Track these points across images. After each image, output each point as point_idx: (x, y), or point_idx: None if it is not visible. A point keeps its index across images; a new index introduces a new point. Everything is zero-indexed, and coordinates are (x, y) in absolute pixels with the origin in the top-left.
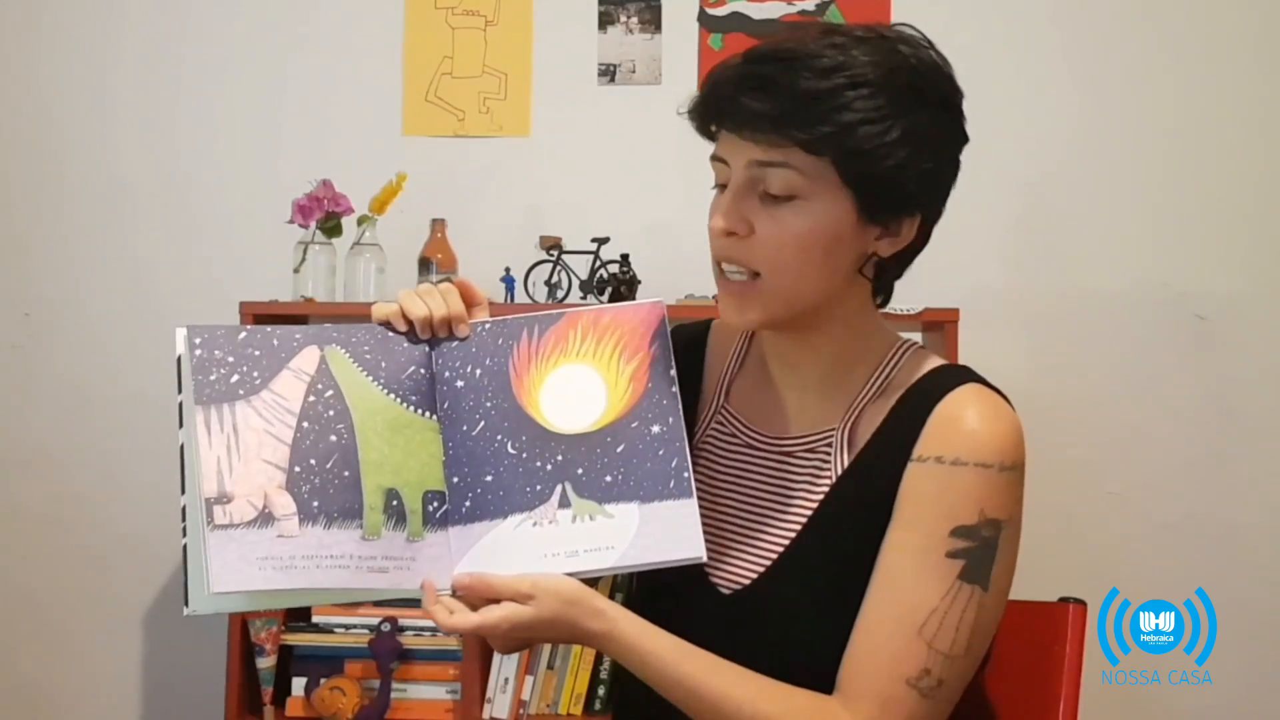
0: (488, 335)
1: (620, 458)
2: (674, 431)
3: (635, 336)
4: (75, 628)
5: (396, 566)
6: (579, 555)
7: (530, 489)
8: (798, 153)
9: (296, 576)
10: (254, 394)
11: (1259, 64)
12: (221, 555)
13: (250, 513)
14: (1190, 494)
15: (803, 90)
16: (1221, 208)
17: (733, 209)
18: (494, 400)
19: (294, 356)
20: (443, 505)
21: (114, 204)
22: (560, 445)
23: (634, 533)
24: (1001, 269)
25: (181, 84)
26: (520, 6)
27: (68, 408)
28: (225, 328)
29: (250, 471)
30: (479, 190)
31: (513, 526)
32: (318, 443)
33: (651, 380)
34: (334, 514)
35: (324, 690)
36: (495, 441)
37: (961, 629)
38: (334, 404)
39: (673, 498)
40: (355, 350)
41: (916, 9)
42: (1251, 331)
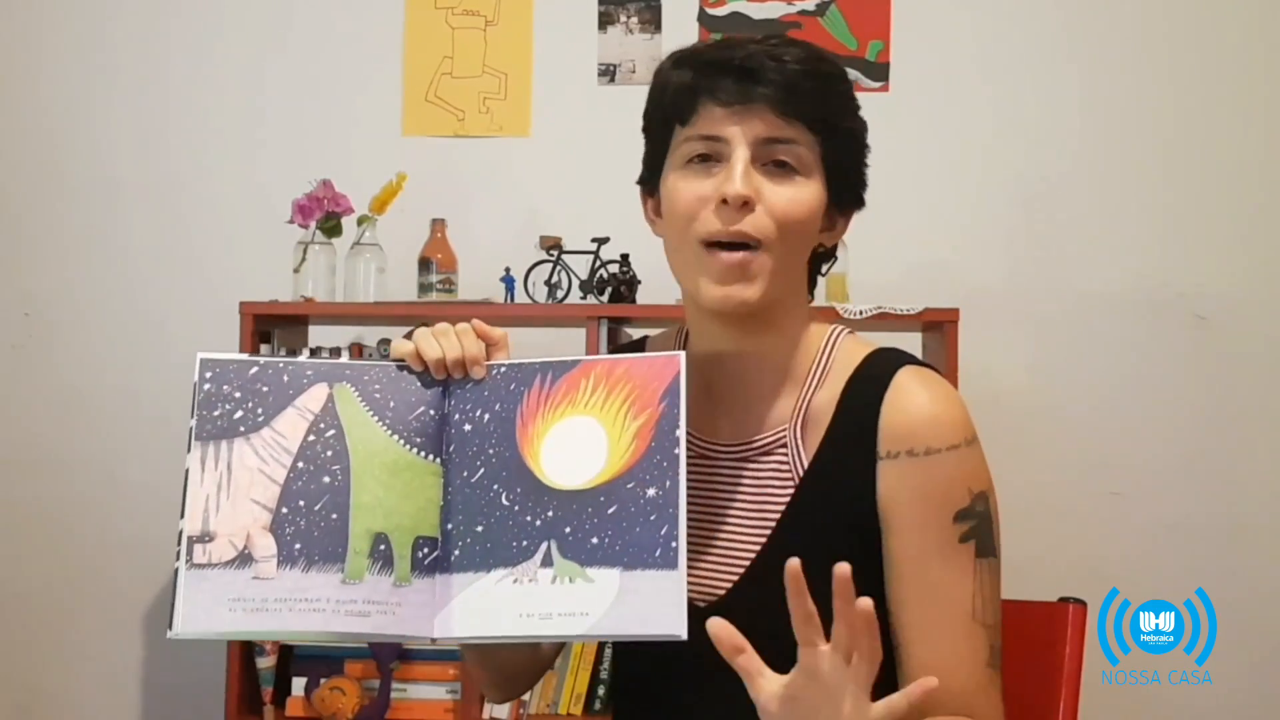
0: (501, 379)
1: (610, 519)
2: (670, 497)
3: (646, 391)
4: (75, 627)
5: (380, 611)
6: (552, 619)
7: (517, 544)
8: (803, 130)
9: (266, 619)
10: (254, 431)
11: (1259, 65)
12: (193, 595)
13: (230, 553)
14: (1190, 494)
15: (810, 69)
16: (1221, 208)
17: (748, 174)
18: (496, 448)
19: (301, 394)
20: (433, 551)
21: (114, 204)
22: (553, 501)
23: (610, 601)
24: (1001, 269)
25: (180, 84)
26: (520, 6)
27: (67, 408)
28: (239, 360)
29: (237, 511)
30: (479, 190)
31: (494, 581)
32: (310, 484)
33: (655, 439)
34: (315, 556)
35: (324, 690)
36: (491, 491)
37: (995, 598)
38: (334, 444)
39: (657, 568)
40: (365, 389)
41: (917, 9)
42: (1251, 331)
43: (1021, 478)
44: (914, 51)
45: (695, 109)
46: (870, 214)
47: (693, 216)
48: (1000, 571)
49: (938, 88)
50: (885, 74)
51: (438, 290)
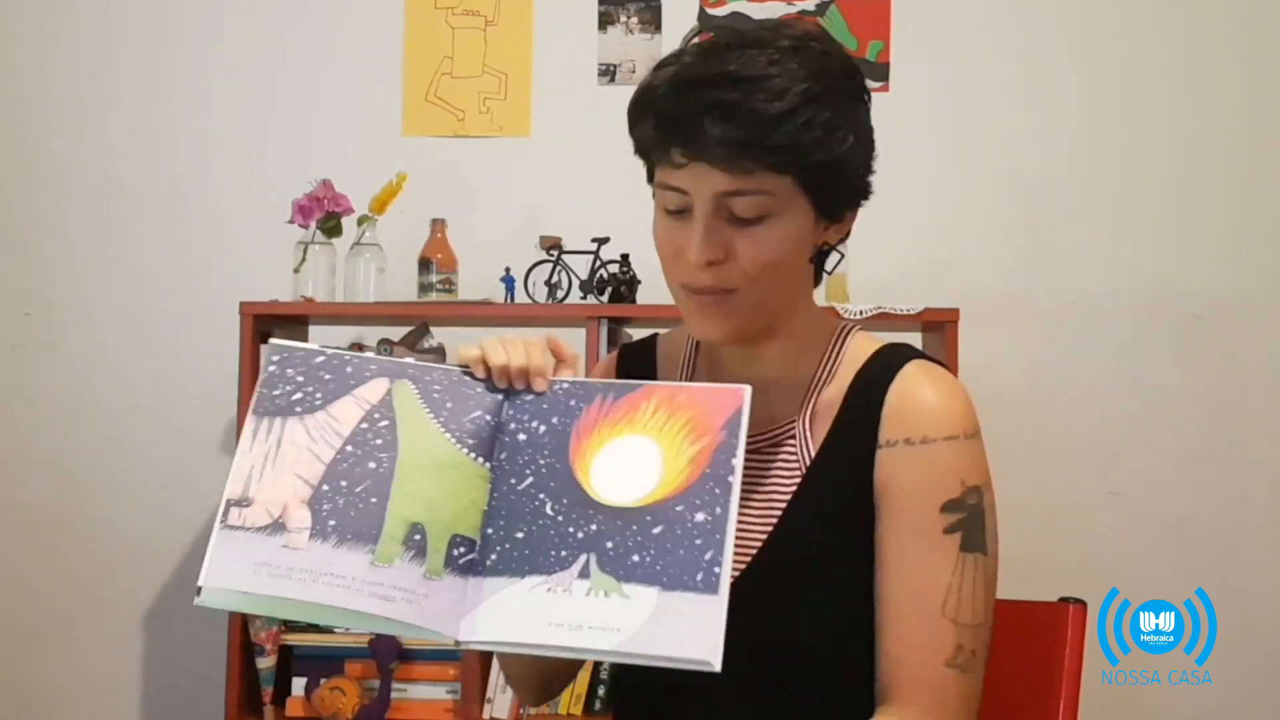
0: (563, 394)
1: (654, 539)
2: (719, 523)
3: (708, 418)
4: (76, 627)
5: (405, 598)
6: (581, 630)
7: (556, 553)
8: (768, 175)
9: (289, 586)
10: (309, 413)
11: (1259, 65)
12: (221, 555)
13: (264, 519)
14: (1190, 494)
15: (766, 114)
16: (1220, 208)
17: (708, 240)
18: (548, 459)
19: (362, 385)
20: (469, 552)
21: (114, 204)
22: (598, 515)
23: (645, 620)
24: (1001, 269)
25: (181, 84)
26: (520, 6)
27: (68, 408)
28: (306, 349)
29: (279, 482)
30: (479, 190)
31: (528, 588)
32: (355, 467)
33: (711, 466)
34: (347, 534)
35: (324, 690)
36: (536, 500)
37: (977, 597)
38: (385, 433)
39: (696, 591)
40: (425, 387)
41: (917, 9)
42: (1251, 331)
43: (1021, 478)
44: (914, 51)
45: (658, 162)
46: (870, 214)
47: (673, 260)
48: (993, 571)
49: (938, 88)
50: (885, 74)
51: (438, 290)
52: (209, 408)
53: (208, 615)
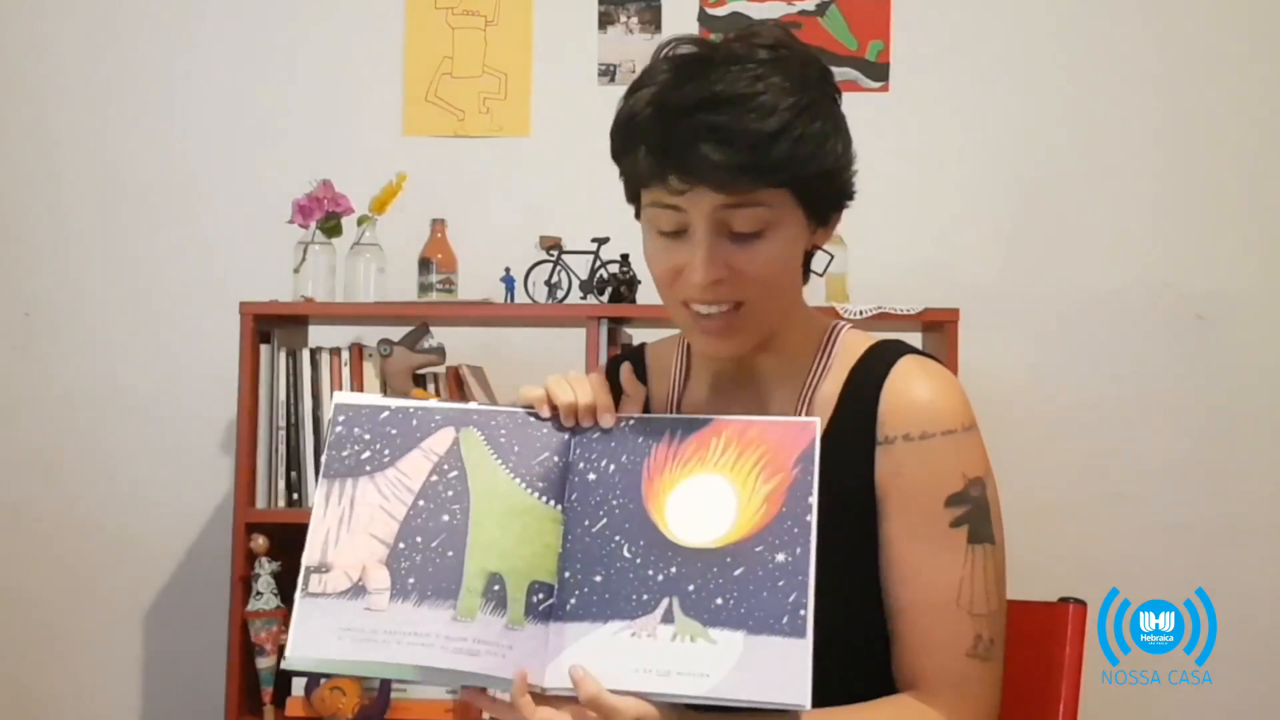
0: (629, 431)
1: (736, 581)
2: (800, 564)
3: (780, 454)
4: (75, 628)
5: (490, 651)
6: (671, 676)
7: (637, 597)
8: (765, 190)
9: (375, 650)
10: (379, 470)
11: (1259, 64)
12: (305, 623)
13: (344, 584)
14: (1190, 494)
15: (761, 133)
16: (1221, 207)
17: (712, 259)
18: (620, 499)
19: (428, 436)
20: (548, 598)
21: (114, 204)
22: (677, 557)
23: (733, 665)
24: (1001, 269)
25: (181, 84)
26: (520, 6)
27: (68, 408)
28: (371, 405)
29: (355, 544)
30: (479, 190)
31: (611, 633)
32: (429, 521)
33: (787, 504)
34: (428, 591)
35: (324, 690)
36: (613, 542)
37: (989, 586)
38: (455, 484)
39: (784, 635)
40: (491, 433)
41: (917, 9)
42: (1251, 331)
43: (1021, 478)
44: (914, 51)
45: (649, 185)
46: (870, 214)
47: (671, 280)
48: (1001, 559)
49: (938, 88)
50: (885, 74)
51: (438, 290)
52: (209, 408)
53: (207, 615)
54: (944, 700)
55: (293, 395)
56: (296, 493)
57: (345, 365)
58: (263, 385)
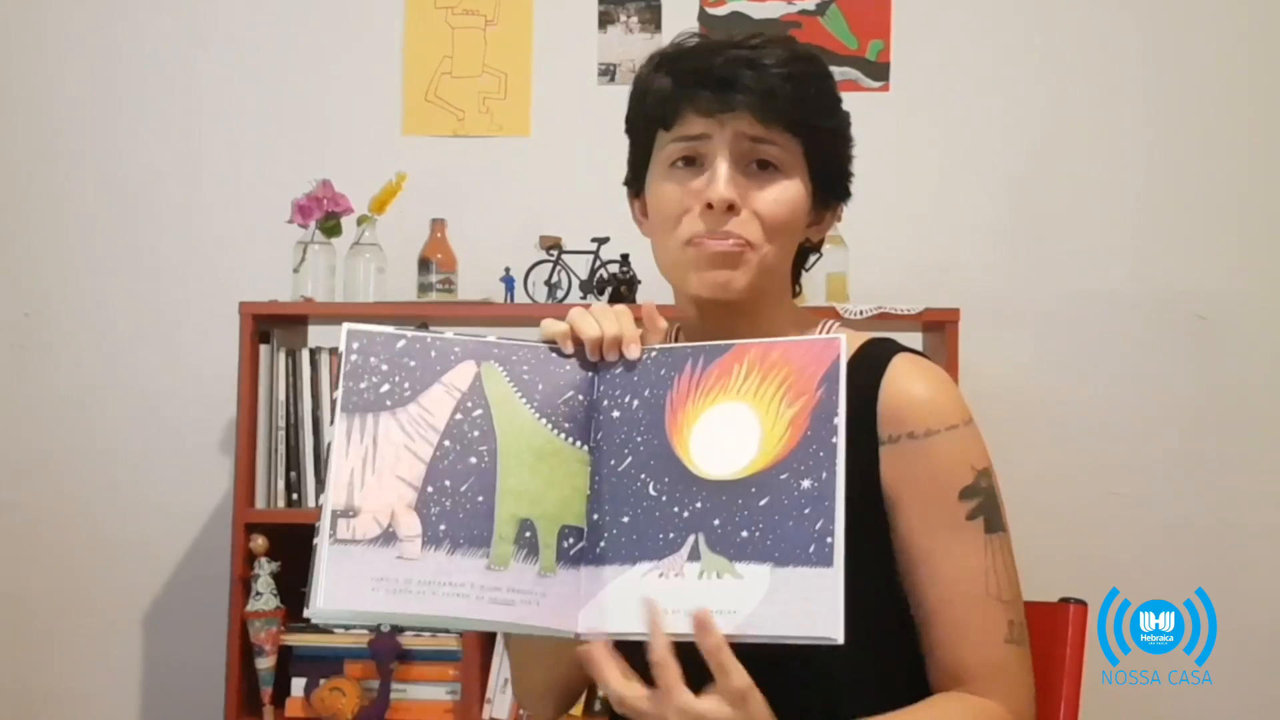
0: (652, 364)
1: (761, 512)
2: (826, 489)
3: (803, 376)
4: (75, 628)
5: (524, 600)
6: None
7: (664, 536)
8: (782, 131)
9: (410, 601)
10: (401, 406)
11: (1259, 64)
12: (336, 571)
13: (374, 530)
14: (1190, 494)
15: (785, 73)
16: (1222, 207)
17: (732, 179)
18: (645, 436)
19: (449, 370)
20: (579, 542)
21: (114, 204)
22: (701, 491)
23: (760, 599)
24: (1001, 269)
25: (181, 84)
26: (520, 6)
27: (67, 408)
28: (385, 334)
29: (382, 487)
30: (479, 190)
31: (640, 575)
32: (456, 463)
33: (811, 428)
34: (460, 540)
35: (323, 691)
36: (639, 480)
37: (1010, 572)
38: (481, 424)
39: (810, 564)
40: (513, 369)
41: (917, 9)
42: (1251, 331)
43: (1021, 478)
44: (914, 51)
45: (676, 116)
46: (870, 214)
47: (679, 220)
48: (1011, 547)
49: (938, 88)
50: (885, 74)
51: (437, 290)
52: (209, 408)
53: (207, 615)
54: (993, 689)
55: (292, 395)
56: (296, 493)
57: None
58: (262, 385)
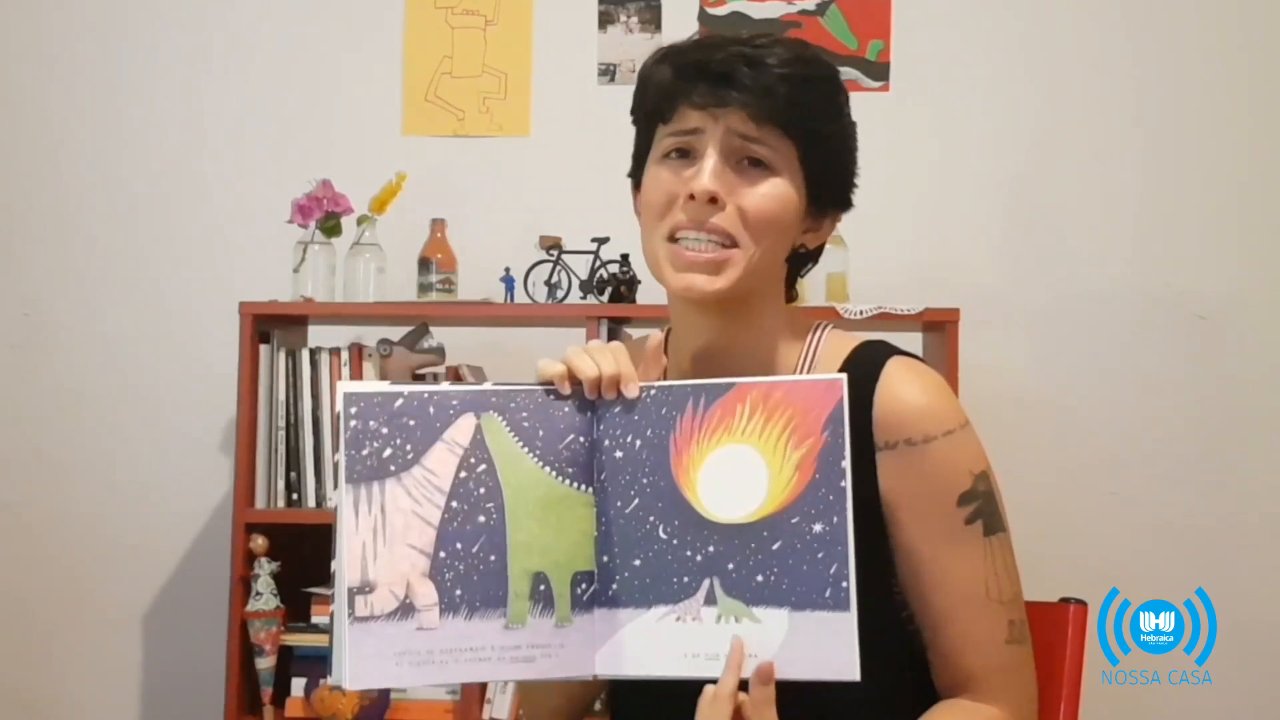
0: (652, 403)
1: (775, 556)
2: (838, 533)
3: (808, 418)
4: (75, 628)
5: (544, 654)
6: (720, 660)
7: (678, 580)
8: (775, 132)
9: (433, 672)
10: (405, 470)
11: (1260, 64)
12: (359, 650)
13: (392, 603)
14: (1190, 494)
15: (782, 74)
16: (1221, 207)
17: (716, 172)
18: (651, 477)
19: (449, 426)
20: (590, 586)
21: (113, 204)
22: (713, 535)
23: (780, 643)
24: (1001, 269)
25: (181, 84)
26: (520, 6)
27: (67, 408)
28: (382, 394)
29: (394, 558)
30: (479, 190)
31: (656, 618)
32: (465, 524)
33: (819, 471)
34: (476, 603)
35: (323, 691)
36: (647, 523)
37: (1010, 573)
38: (485, 480)
39: (827, 609)
40: (513, 418)
41: (917, 9)
42: (1251, 331)
43: (1021, 478)
44: (914, 51)
45: (673, 109)
46: (870, 214)
47: (664, 210)
48: (1011, 546)
49: (938, 88)
50: (885, 74)
51: (437, 290)
52: (209, 408)
53: (207, 615)
54: (995, 693)
55: (292, 395)
56: (296, 493)
57: (345, 365)
58: (262, 385)
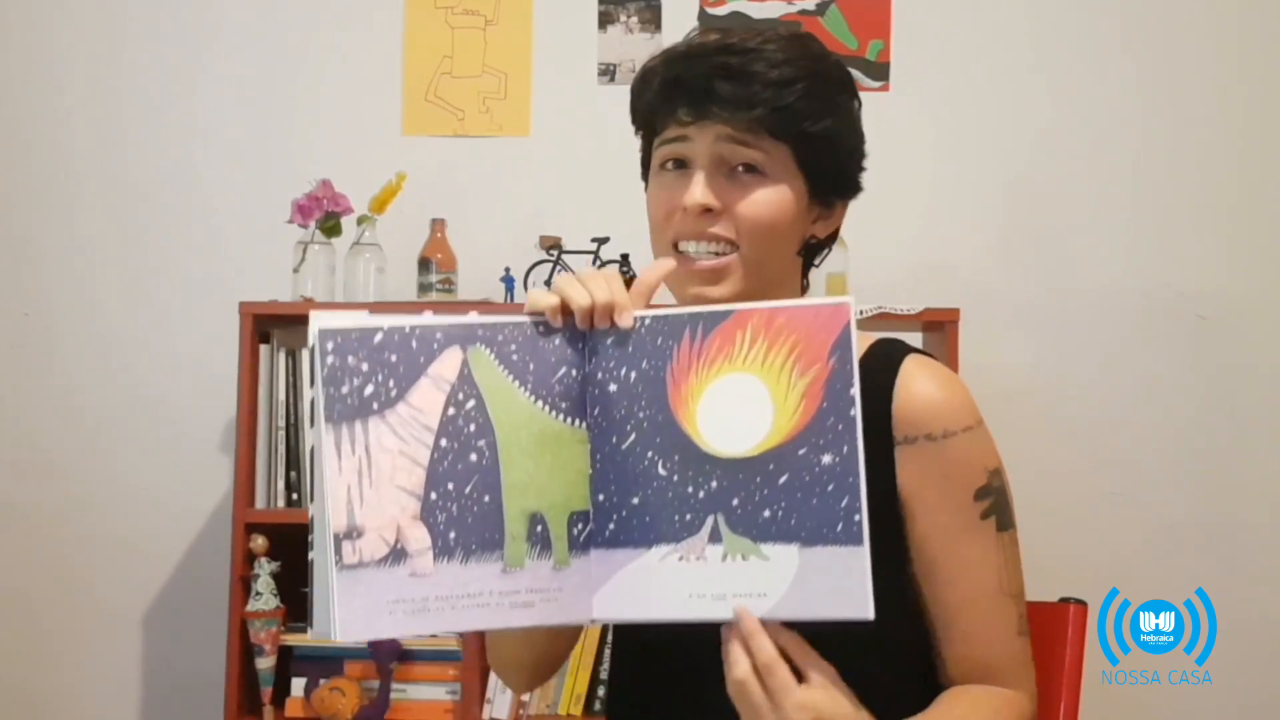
0: (647, 333)
1: (782, 490)
2: (848, 464)
3: (813, 344)
4: (74, 629)
5: (543, 599)
6: (727, 600)
7: (679, 518)
8: (764, 137)
9: (429, 620)
10: (389, 408)
11: (1260, 63)
12: (349, 600)
13: (382, 549)
14: (1190, 494)
15: (768, 79)
16: (1222, 207)
17: (707, 184)
18: (648, 411)
19: (433, 360)
20: (586, 526)
21: (113, 204)
22: (716, 470)
23: (791, 580)
24: (1001, 269)
25: (181, 84)
26: (520, 6)
27: (67, 408)
28: (360, 330)
29: (382, 500)
30: (479, 190)
31: (658, 558)
32: (456, 463)
33: (827, 399)
34: (472, 546)
35: (323, 691)
36: (646, 459)
37: (1018, 567)
38: (475, 417)
39: (839, 543)
40: (502, 350)
41: (917, 9)
42: (1252, 331)
43: (1021, 477)
44: (914, 51)
45: (663, 123)
46: (870, 214)
47: (664, 222)
48: (1019, 540)
49: (938, 88)
50: (885, 74)
51: (437, 290)
52: (208, 408)
53: (207, 615)
54: (1009, 681)
55: (292, 395)
56: (296, 493)
57: None
58: (262, 385)
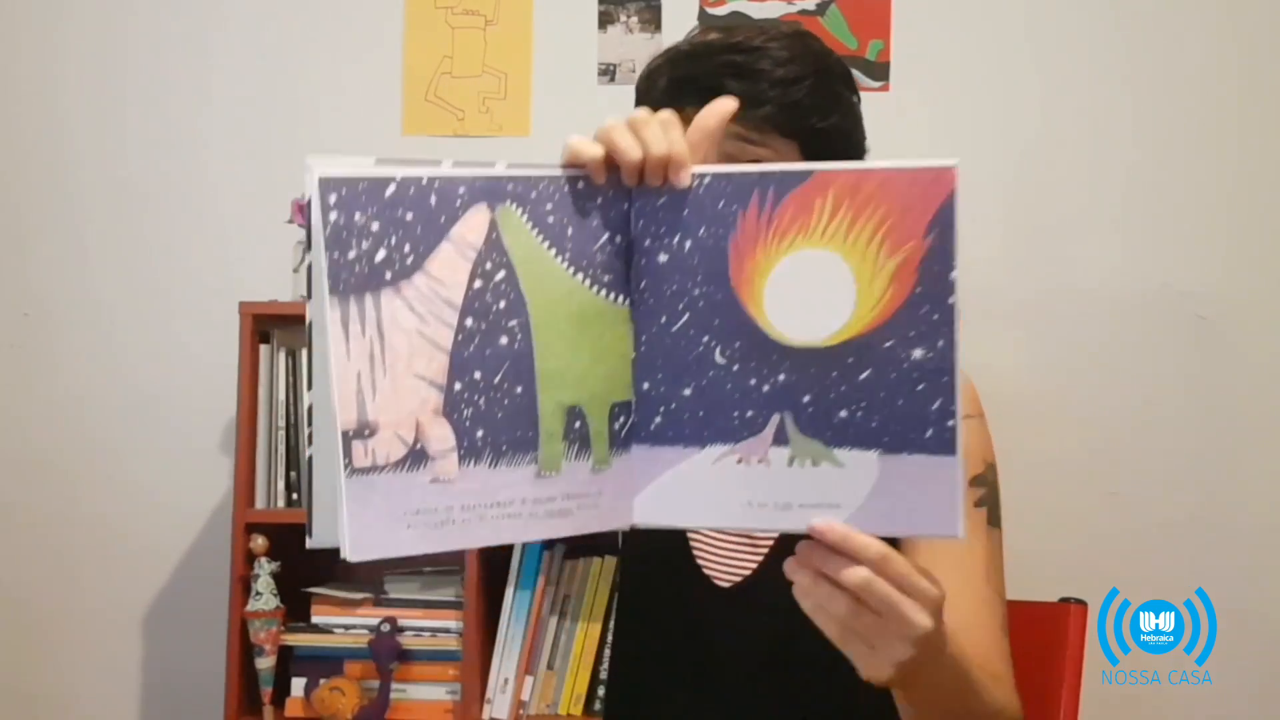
0: (706, 194)
1: (863, 388)
2: (943, 360)
3: (907, 217)
4: (73, 627)
5: (581, 506)
6: (793, 510)
7: (739, 414)
8: (772, 134)
9: (454, 535)
10: (404, 278)
11: (1260, 63)
12: (360, 510)
13: (399, 450)
14: (1190, 494)
15: (774, 76)
16: (1222, 208)
17: None
18: (704, 288)
19: (456, 221)
20: (628, 419)
21: (113, 203)
22: (785, 361)
23: (869, 491)
24: (1000, 268)
25: (180, 83)
26: (520, 6)
27: (66, 408)
28: (369, 180)
29: (399, 392)
30: None
31: (711, 459)
32: (484, 348)
33: (921, 284)
34: (502, 446)
35: (323, 691)
36: (700, 343)
37: (1001, 570)
38: (506, 291)
39: (927, 451)
40: (535, 210)
41: (917, 9)
42: (1252, 331)
43: (1021, 478)
44: (914, 51)
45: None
46: None
47: None
48: (1002, 546)
49: (938, 88)
50: (885, 74)
51: None
52: (208, 408)
53: (207, 615)
54: (1000, 672)
55: (292, 395)
56: (296, 493)
57: None
58: (262, 385)
